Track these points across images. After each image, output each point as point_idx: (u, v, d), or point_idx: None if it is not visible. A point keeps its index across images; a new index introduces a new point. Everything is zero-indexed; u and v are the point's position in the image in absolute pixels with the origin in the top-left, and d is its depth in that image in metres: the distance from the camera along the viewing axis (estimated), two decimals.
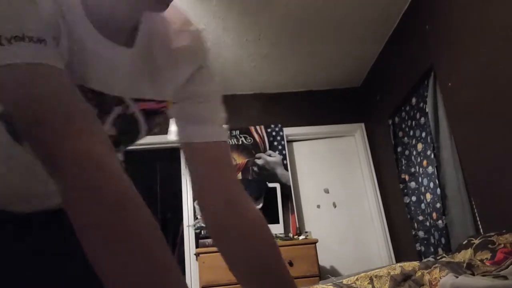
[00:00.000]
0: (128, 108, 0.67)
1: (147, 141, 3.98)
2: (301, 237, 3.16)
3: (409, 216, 3.11)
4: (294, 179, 3.77)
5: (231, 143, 3.79)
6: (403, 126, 3.19)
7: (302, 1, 2.83)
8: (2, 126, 0.61)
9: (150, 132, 0.72)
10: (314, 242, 3.00)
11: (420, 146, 2.93)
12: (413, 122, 3.04)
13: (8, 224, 0.69)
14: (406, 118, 3.16)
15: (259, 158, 3.75)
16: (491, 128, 2.20)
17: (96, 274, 0.44)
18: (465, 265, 1.42)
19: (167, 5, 0.63)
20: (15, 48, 0.48)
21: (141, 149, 3.86)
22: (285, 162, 3.72)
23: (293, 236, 3.26)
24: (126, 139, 0.72)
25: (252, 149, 3.78)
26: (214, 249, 3.02)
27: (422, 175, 2.89)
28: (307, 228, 3.55)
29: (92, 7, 0.61)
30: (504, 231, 1.72)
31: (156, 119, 0.72)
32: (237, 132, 3.82)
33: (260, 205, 3.38)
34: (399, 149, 3.27)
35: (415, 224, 3.02)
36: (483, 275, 1.26)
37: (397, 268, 1.49)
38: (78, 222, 0.45)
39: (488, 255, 1.54)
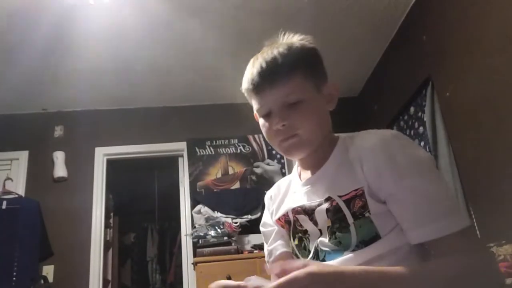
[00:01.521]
0: (333, 201, 0.85)
1: (145, 149, 4.00)
2: None
3: None
4: None
5: (229, 151, 3.79)
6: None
7: (297, 11, 2.85)
8: None
9: (358, 217, 0.82)
10: None
11: None
12: (412, 132, 3.04)
13: None
14: (405, 127, 3.16)
15: (257, 166, 3.75)
16: (489, 137, 2.20)
17: None
18: None
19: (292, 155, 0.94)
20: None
21: (139, 157, 3.85)
22: (283, 170, 3.72)
23: None
24: (339, 227, 0.84)
25: (250, 158, 3.78)
26: (212, 258, 3.02)
27: None
28: None
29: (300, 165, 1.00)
30: (503, 241, 1.71)
31: (357, 202, 0.82)
32: (236, 140, 3.82)
33: (258, 214, 3.37)
34: None
35: None
36: None
37: None
38: None
39: None
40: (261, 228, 1.12)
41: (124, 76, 3.41)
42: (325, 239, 0.87)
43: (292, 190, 1.00)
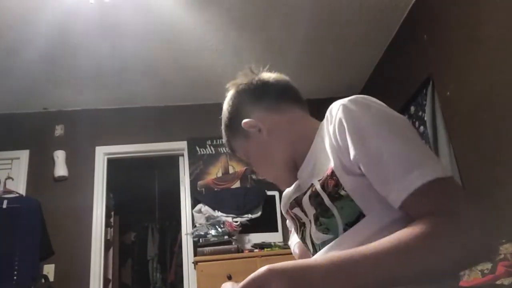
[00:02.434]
0: (313, 187, 0.85)
1: (146, 148, 4.00)
2: None
3: None
4: None
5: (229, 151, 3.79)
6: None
7: (298, 10, 2.85)
8: None
9: (335, 197, 0.79)
10: None
11: None
12: None
13: None
14: None
15: None
16: (489, 137, 2.20)
17: None
18: None
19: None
20: None
21: (140, 156, 3.85)
22: None
23: None
24: (321, 212, 0.83)
25: None
26: (212, 257, 3.02)
27: None
28: None
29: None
30: (503, 240, 1.71)
31: (329, 182, 0.80)
32: None
33: (259, 213, 3.37)
34: None
35: None
36: None
37: None
38: None
39: (489, 266, 1.54)
40: (289, 226, 1.15)
41: (124, 76, 3.41)
42: (314, 230, 0.86)
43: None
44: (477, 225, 0.67)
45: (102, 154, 3.69)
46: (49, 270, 3.22)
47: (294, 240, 1.06)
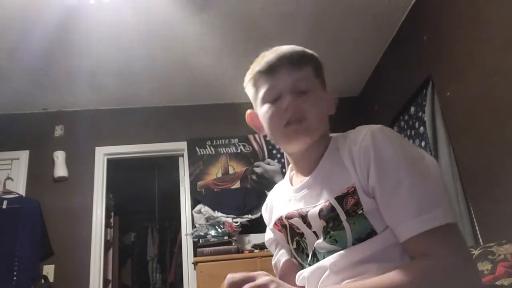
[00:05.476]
0: (326, 201, 0.84)
1: (146, 149, 3.99)
2: None
3: None
4: None
5: (229, 151, 3.79)
6: (402, 135, 3.20)
7: (298, 10, 2.85)
8: None
9: (351, 214, 0.81)
10: None
11: None
12: (412, 131, 3.04)
13: None
14: (405, 127, 3.16)
15: (257, 166, 3.75)
16: (490, 137, 2.20)
17: None
18: None
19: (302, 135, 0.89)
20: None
21: (140, 157, 3.85)
22: (284, 170, 3.72)
23: None
24: (333, 226, 0.83)
25: (251, 158, 3.78)
26: (212, 258, 3.02)
27: None
28: None
29: (291, 169, 1.02)
30: (504, 241, 1.71)
31: (349, 200, 0.81)
32: (236, 140, 3.82)
33: (259, 214, 3.37)
34: None
35: None
36: None
37: None
38: None
39: (489, 266, 1.54)
40: (267, 245, 1.11)
41: (124, 76, 3.41)
42: (321, 241, 0.86)
43: (287, 198, 0.98)
44: (471, 270, 0.74)
45: (102, 155, 3.69)
46: (48, 270, 3.22)
47: (282, 258, 1.03)
